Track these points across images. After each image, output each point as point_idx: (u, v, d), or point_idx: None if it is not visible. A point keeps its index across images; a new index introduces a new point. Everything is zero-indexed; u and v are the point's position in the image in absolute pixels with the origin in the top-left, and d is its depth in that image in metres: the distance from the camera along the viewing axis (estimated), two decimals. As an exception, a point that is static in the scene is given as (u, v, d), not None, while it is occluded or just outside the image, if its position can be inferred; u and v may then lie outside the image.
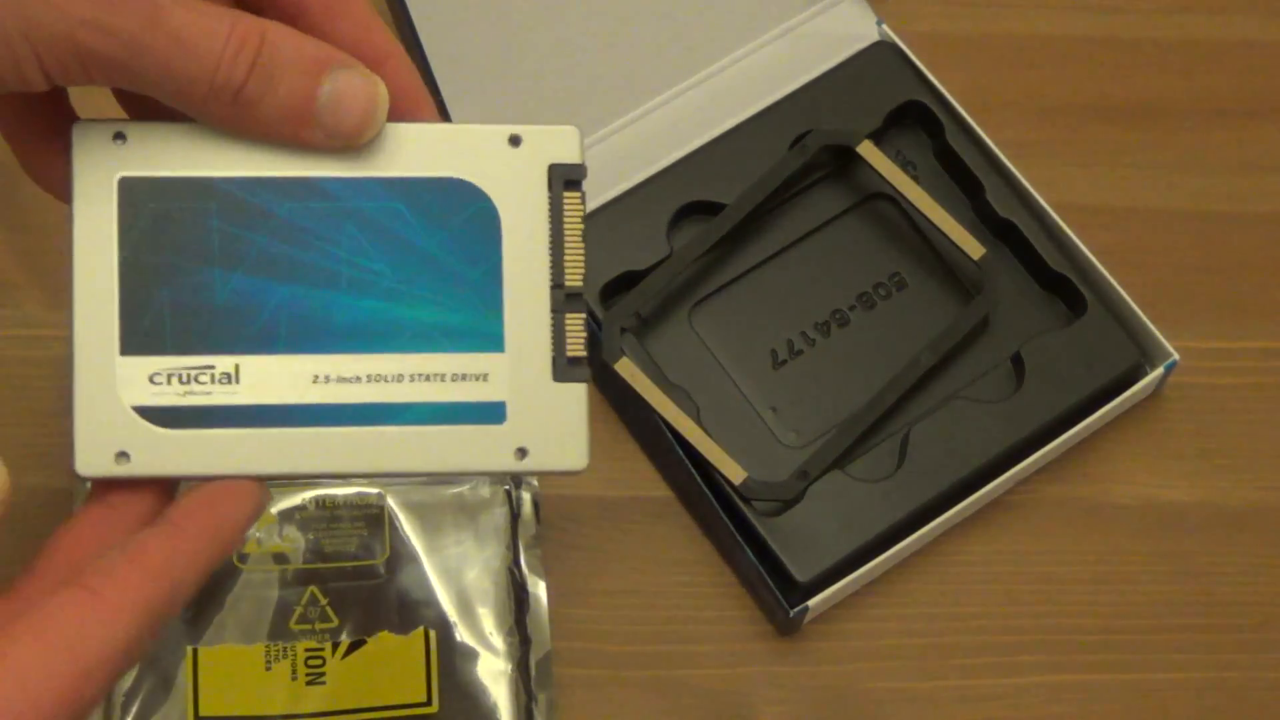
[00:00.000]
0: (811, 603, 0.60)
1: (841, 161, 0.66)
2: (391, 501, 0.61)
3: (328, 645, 0.58)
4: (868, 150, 0.65)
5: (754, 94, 0.67)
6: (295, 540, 0.60)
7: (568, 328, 0.42)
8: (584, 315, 0.42)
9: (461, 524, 0.61)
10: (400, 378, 0.41)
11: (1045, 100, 0.70)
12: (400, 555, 0.60)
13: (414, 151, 0.42)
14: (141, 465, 0.41)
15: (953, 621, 0.63)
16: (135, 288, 0.41)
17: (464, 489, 0.61)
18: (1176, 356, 0.63)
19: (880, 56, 0.68)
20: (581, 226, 0.42)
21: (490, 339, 0.42)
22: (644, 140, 0.66)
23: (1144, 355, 0.64)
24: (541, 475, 0.42)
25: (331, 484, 0.60)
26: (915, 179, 0.65)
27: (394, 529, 0.60)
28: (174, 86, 0.39)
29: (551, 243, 0.42)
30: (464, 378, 0.41)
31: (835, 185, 0.66)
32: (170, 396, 0.41)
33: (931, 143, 0.67)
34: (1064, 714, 0.62)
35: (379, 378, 0.41)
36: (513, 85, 0.65)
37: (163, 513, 0.40)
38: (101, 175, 0.41)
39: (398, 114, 0.42)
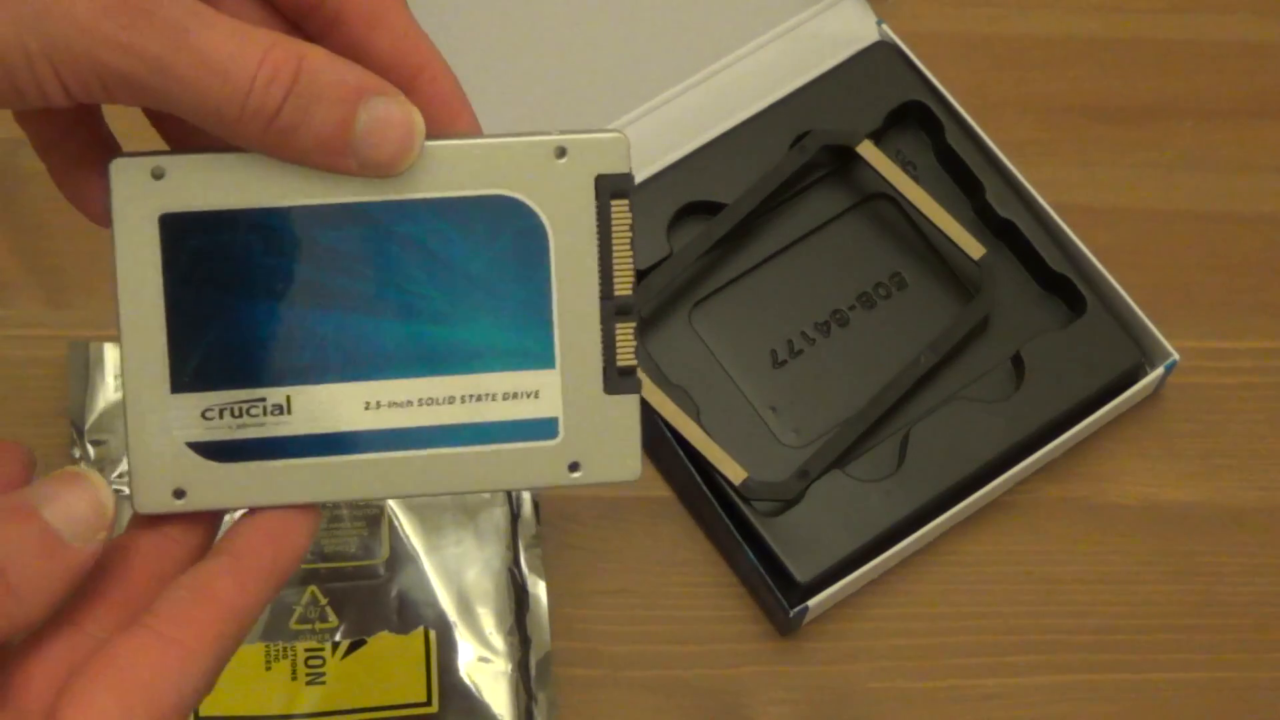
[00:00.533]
0: (811, 603, 0.60)
1: (841, 161, 0.66)
2: (391, 502, 0.61)
3: (327, 645, 0.58)
4: (868, 150, 0.65)
5: (754, 94, 0.67)
6: (295, 540, 0.60)
7: (618, 338, 0.41)
8: (634, 325, 0.41)
9: (461, 524, 0.61)
10: (451, 400, 0.41)
11: (1045, 100, 0.71)
12: (400, 555, 0.60)
13: (457, 169, 0.41)
14: (198, 500, 0.40)
15: (953, 621, 0.63)
16: (182, 324, 0.41)
17: (464, 489, 0.61)
18: (1176, 356, 0.63)
19: (880, 56, 0.68)
20: (630, 236, 0.41)
21: (540, 356, 0.41)
22: (644, 140, 0.66)
23: (1144, 355, 0.64)
24: (590, 488, 0.42)
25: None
26: (915, 179, 0.65)
27: (394, 529, 0.60)
28: (202, 109, 0.38)
29: (600, 254, 0.41)
30: (515, 396, 0.41)
31: (835, 185, 0.66)
32: (223, 431, 0.41)
33: (931, 143, 0.67)
34: (1064, 714, 0.62)
35: (430, 401, 0.41)
36: (513, 85, 0.65)
37: (221, 544, 0.40)
38: (142, 213, 0.41)
39: (437, 124, 0.41)
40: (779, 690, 0.62)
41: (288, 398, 0.41)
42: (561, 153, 0.41)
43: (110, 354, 0.62)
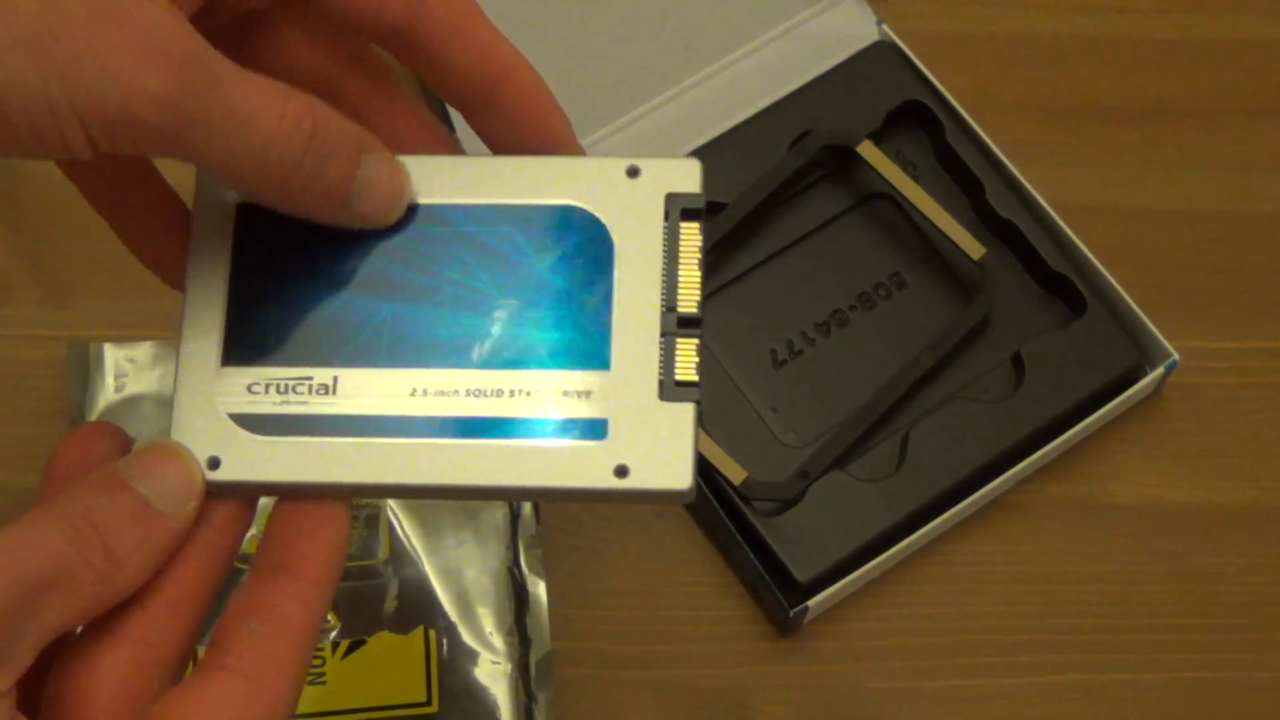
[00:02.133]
0: (811, 603, 0.60)
1: (841, 161, 0.66)
2: (391, 501, 0.60)
3: (328, 645, 0.58)
4: (868, 150, 0.65)
5: (754, 94, 0.67)
6: (295, 540, 0.59)
7: (678, 350, 0.40)
8: (697, 340, 0.40)
9: (461, 524, 0.61)
10: (500, 393, 0.40)
11: (1045, 100, 0.70)
12: (400, 555, 0.60)
13: (531, 180, 0.41)
14: (233, 470, 0.40)
15: (953, 621, 0.63)
16: (241, 303, 0.41)
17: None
18: (1176, 356, 0.63)
19: (880, 56, 0.68)
20: (699, 257, 0.41)
21: (595, 357, 0.40)
22: (644, 140, 0.66)
23: (1144, 355, 0.64)
24: (638, 499, 0.41)
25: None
26: (915, 179, 0.65)
27: (394, 529, 0.60)
28: (223, 160, 0.38)
29: (665, 269, 0.41)
30: (565, 394, 0.40)
31: (835, 185, 0.66)
32: (267, 405, 0.40)
33: (931, 143, 0.67)
34: (1064, 714, 0.62)
35: (477, 392, 0.40)
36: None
37: (268, 559, 0.39)
38: (222, 200, 0.41)
39: (529, 126, 0.41)
40: (779, 690, 0.62)
41: (335, 378, 0.40)
42: (634, 172, 0.41)
43: (110, 354, 0.62)
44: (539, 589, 0.61)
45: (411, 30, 0.41)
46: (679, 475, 0.40)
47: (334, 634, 0.59)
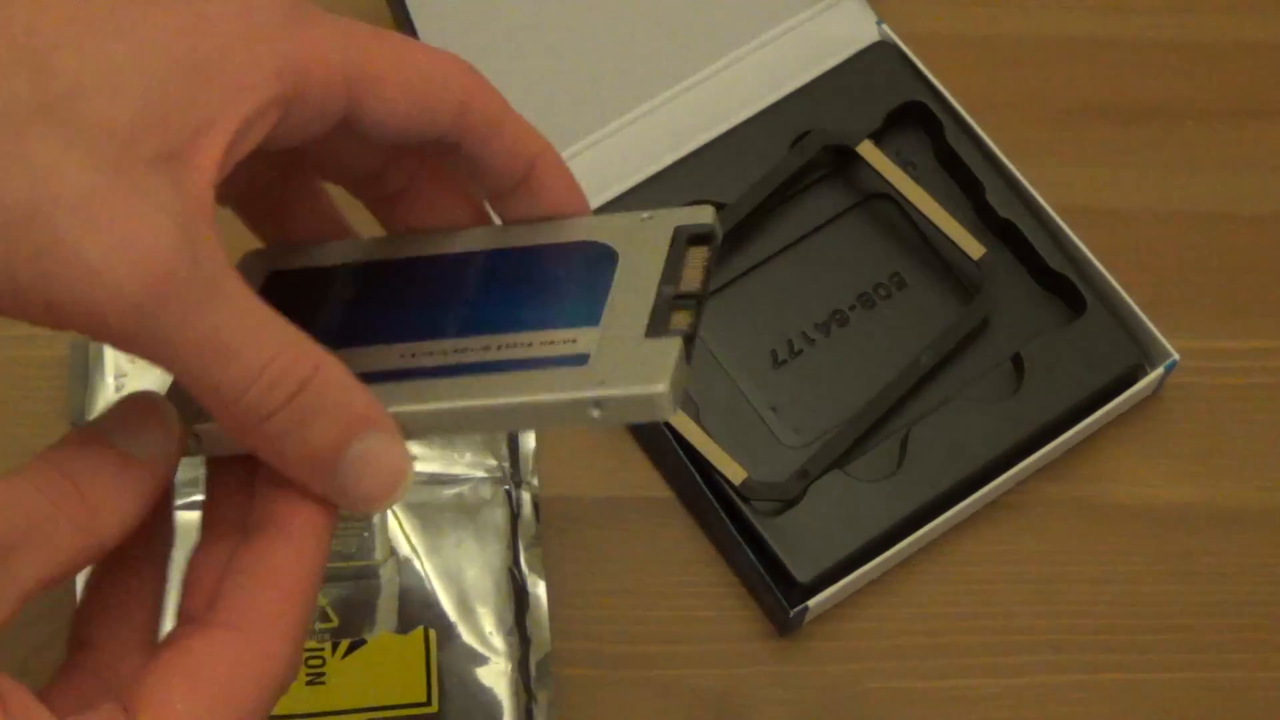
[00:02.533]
0: (811, 603, 0.60)
1: (841, 161, 0.66)
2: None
3: (327, 645, 0.58)
4: (868, 150, 0.65)
5: (754, 94, 0.67)
6: (295, 540, 0.59)
7: (672, 313, 0.41)
8: (696, 312, 0.41)
9: (461, 524, 0.61)
10: (487, 348, 0.41)
11: (1045, 100, 0.71)
12: (400, 555, 0.60)
13: (556, 229, 0.43)
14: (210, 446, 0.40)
15: (953, 621, 0.63)
16: None
17: (464, 489, 0.61)
18: (1176, 356, 0.63)
19: (880, 56, 0.68)
20: (703, 274, 0.41)
21: (586, 317, 0.41)
22: (644, 140, 0.66)
23: (1144, 355, 0.64)
24: (621, 411, 0.39)
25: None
26: (915, 179, 0.65)
27: (394, 529, 0.60)
28: (198, 383, 0.36)
29: (666, 271, 0.41)
30: (550, 344, 0.40)
31: (835, 185, 0.66)
32: None
33: (931, 143, 0.67)
34: (1064, 714, 0.62)
35: (465, 350, 0.41)
36: (513, 85, 0.65)
37: (255, 519, 0.39)
38: (256, 269, 0.44)
39: (555, 201, 0.43)
40: (779, 690, 0.62)
41: (335, 349, 0.41)
42: (651, 216, 0.43)
43: (110, 354, 0.62)
44: (539, 589, 0.61)
45: (457, 131, 0.41)
46: (655, 382, 0.39)
47: (334, 634, 0.59)
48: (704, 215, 0.42)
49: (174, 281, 0.34)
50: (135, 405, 0.39)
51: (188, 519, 0.60)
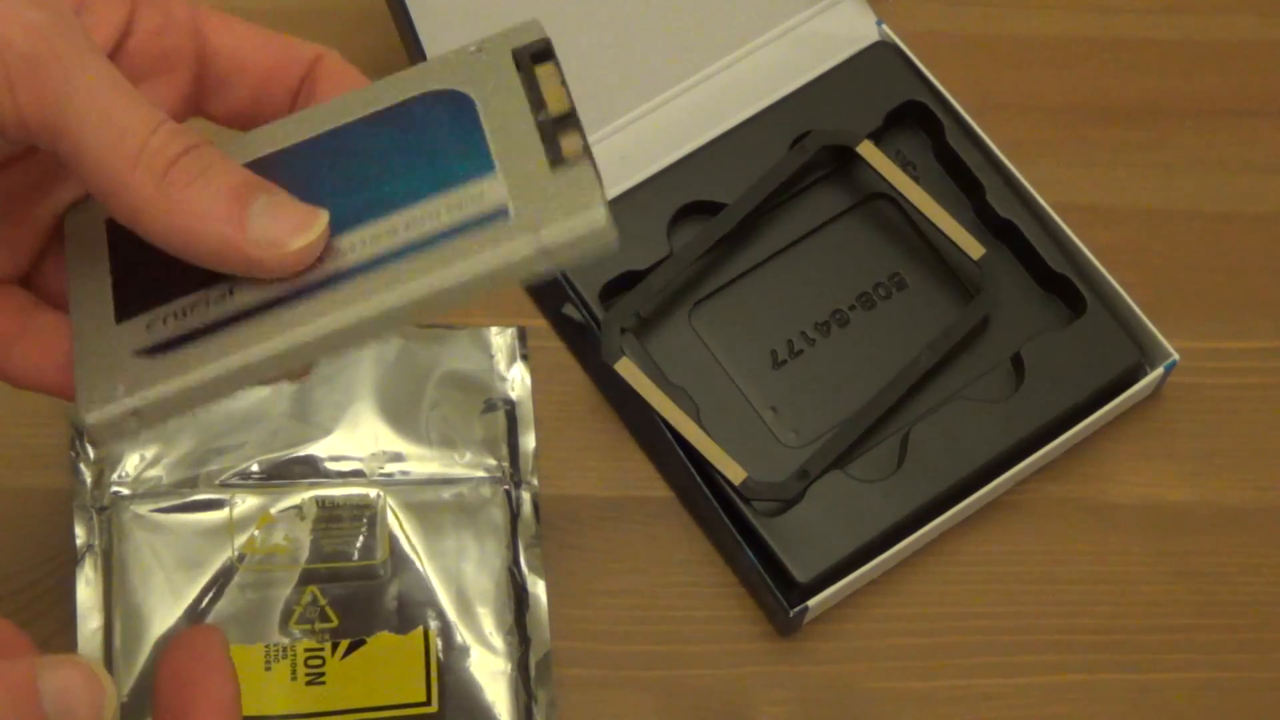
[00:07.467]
0: (811, 603, 0.60)
1: (841, 161, 0.66)
2: (391, 502, 0.61)
3: (327, 645, 0.58)
4: (868, 150, 0.65)
5: (754, 94, 0.67)
6: (295, 540, 0.60)
7: (561, 138, 0.40)
8: (578, 127, 0.40)
9: (461, 524, 0.61)
10: (394, 230, 0.39)
11: (1045, 100, 0.71)
12: (400, 555, 0.60)
13: (389, 89, 0.41)
14: (143, 390, 0.39)
15: (953, 621, 0.63)
16: (127, 269, 0.40)
17: (464, 489, 0.61)
18: (1176, 356, 0.63)
19: (880, 56, 0.68)
20: (564, 90, 0.40)
21: (479, 168, 0.40)
22: (644, 140, 0.66)
23: (1144, 355, 0.64)
24: (566, 256, 0.39)
25: (331, 484, 0.60)
26: (915, 179, 0.65)
27: (393, 529, 0.60)
28: (91, 157, 0.37)
29: (530, 100, 0.40)
30: (459, 206, 0.39)
31: (835, 185, 0.66)
32: (168, 331, 0.39)
33: (931, 143, 0.67)
34: (1064, 714, 0.62)
35: (373, 239, 0.39)
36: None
37: (175, 713, 0.39)
38: (91, 218, 0.42)
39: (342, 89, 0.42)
40: (779, 690, 0.62)
41: (230, 286, 0.39)
42: (480, 49, 0.41)
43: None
44: (539, 589, 0.61)
45: (236, 66, 0.43)
46: (593, 215, 0.38)
47: (334, 634, 0.59)
48: (534, 31, 0.41)
49: (61, 31, 0.36)
50: (71, 668, 0.38)
51: (186, 519, 0.60)
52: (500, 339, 0.64)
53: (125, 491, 0.60)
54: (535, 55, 0.41)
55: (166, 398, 0.39)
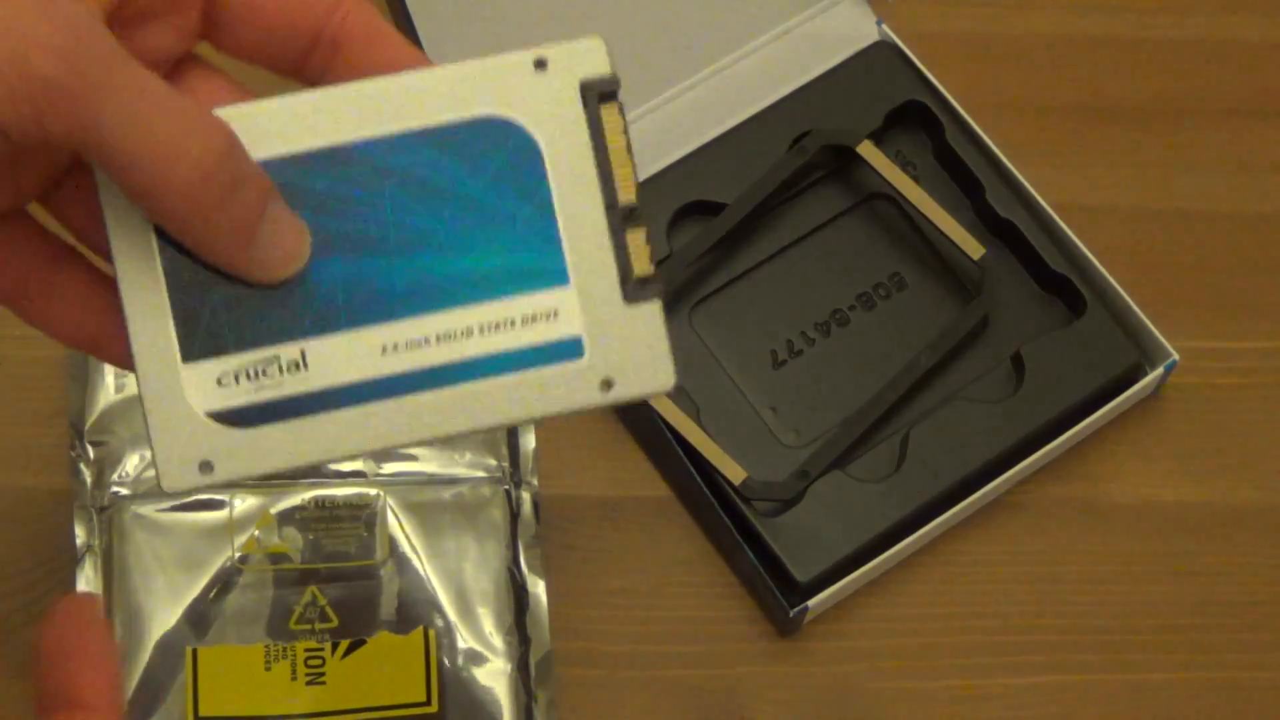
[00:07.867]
0: (811, 603, 0.60)
1: (841, 161, 0.66)
2: (391, 502, 0.61)
3: (327, 645, 0.58)
4: (868, 150, 0.65)
5: (754, 94, 0.67)
6: (295, 540, 0.60)
7: (630, 246, 0.40)
8: (645, 229, 0.40)
9: (461, 524, 0.61)
10: (469, 332, 0.40)
11: (1045, 100, 0.70)
12: (400, 555, 0.60)
13: (440, 96, 0.40)
14: (227, 470, 0.39)
15: (953, 621, 0.63)
16: (184, 294, 0.40)
17: (464, 489, 0.61)
18: (1176, 356, 0.63)
19: (880, 56, 0.68)
20: (625, 140, 0.40)
21: (553, 274, 0.40)
22: (644, 140, 0.66)
23: (1144, 355, 0.64)
24: (627, 401, 0.40)
25: (331, 484, 0.60)
26: (915, 179, 0.65)
27: (394, 529, 0.60)
28: (129, 131, 0.36)
29: (598, 163, 0.40)
30: (534, 320, 0.40)
31: (835, 185, 0.66)
32: (242, 396, 0.39)
33: (931, 143, 0.67)
34: (1064, 714, 0.62)
35: (448, 336, 0.40)
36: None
37: (63, 696, 0.38)
38: (135, 213, 0.40)
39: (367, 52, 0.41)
40: (779, 690, 0.62)
41: (302, 352, 0.40)
42: (542, 65, 0.41)
43: (110, 354, 0.62)
44: (539, 589, 0.61)
45: (335, 39, 0.40)
46: (663, 376, 0.40)
47: (334, 634, 0.59)
48: (599, 58, 0.41)
49: (89, 30, 0.35)
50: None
51: (186, 519, 0.60)
52: (500, 339, 0.64)
53: (125, 492, 0.60)
54: (604, 96, 0.40)
55: (247, 477, 0.40)
